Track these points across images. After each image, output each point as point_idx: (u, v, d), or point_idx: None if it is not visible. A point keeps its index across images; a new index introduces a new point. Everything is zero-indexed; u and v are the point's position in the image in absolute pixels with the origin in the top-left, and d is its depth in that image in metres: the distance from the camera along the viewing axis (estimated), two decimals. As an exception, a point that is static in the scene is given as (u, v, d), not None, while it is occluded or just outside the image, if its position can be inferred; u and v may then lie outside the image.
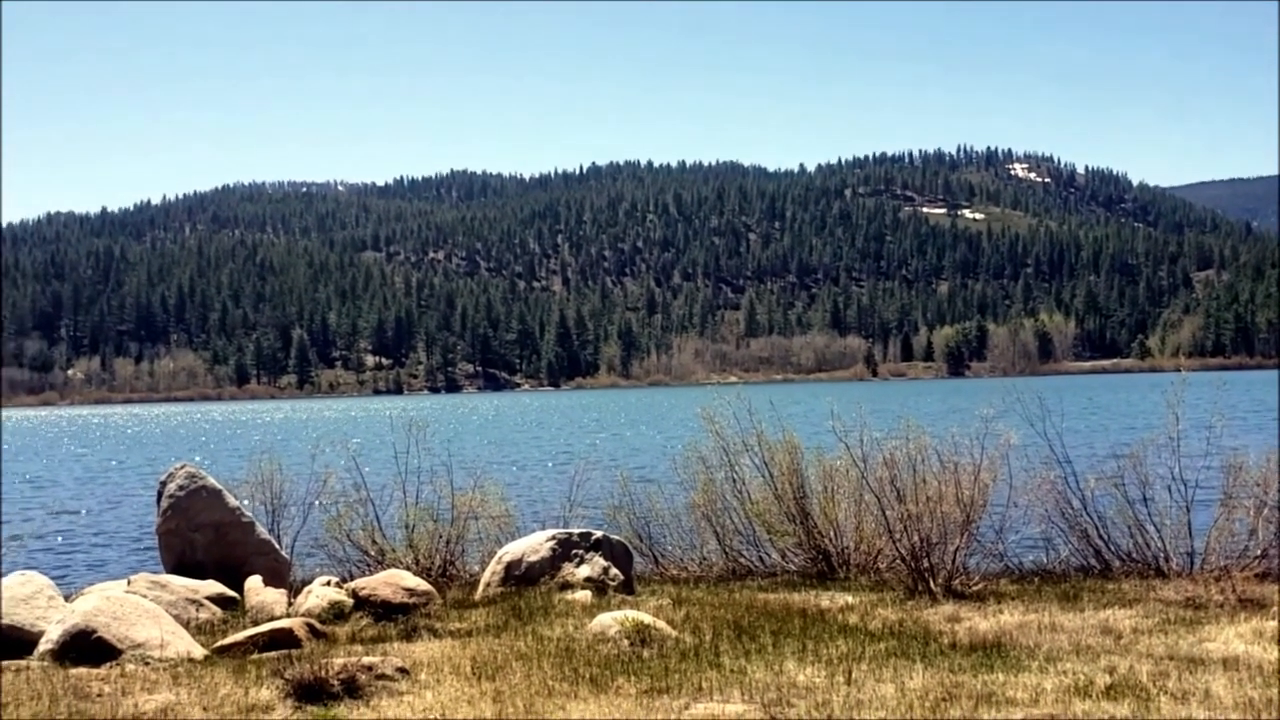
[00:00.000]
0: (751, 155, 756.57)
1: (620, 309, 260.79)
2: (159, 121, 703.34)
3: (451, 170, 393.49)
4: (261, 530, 13.85)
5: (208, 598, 11.84)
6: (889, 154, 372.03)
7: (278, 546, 13.96)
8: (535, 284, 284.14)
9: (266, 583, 12.25)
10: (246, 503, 14.38)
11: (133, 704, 7.82)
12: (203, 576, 12.64)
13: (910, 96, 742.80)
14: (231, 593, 12.14)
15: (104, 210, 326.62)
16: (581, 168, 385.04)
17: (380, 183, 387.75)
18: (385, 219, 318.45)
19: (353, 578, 13.07)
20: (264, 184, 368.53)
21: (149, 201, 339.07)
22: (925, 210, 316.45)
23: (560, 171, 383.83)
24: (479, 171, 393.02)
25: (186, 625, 10.39)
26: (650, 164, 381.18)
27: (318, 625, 10.03)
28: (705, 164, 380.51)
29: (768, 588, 12.67)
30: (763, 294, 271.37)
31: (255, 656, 9.13)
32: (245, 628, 10.27)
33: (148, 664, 9.02)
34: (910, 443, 12.84)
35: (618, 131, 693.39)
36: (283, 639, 9.53)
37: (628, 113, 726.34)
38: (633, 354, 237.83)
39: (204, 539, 13.31)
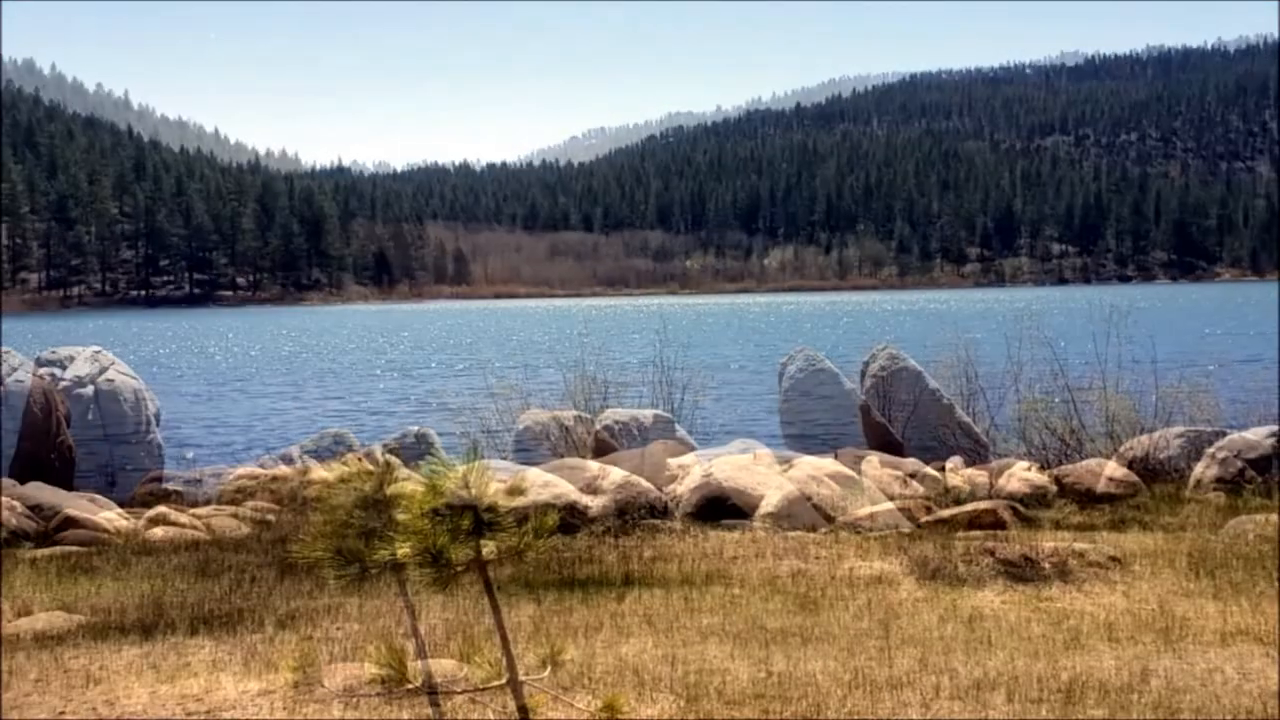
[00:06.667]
0: None
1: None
2: (849, 14, 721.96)
3: (1147, 46, 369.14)
4: (960, 413, 14.04)
5: (909, 474, 12.20)
6: None
7: (975, 429, 14.08)
8: (1239, 165, 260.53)
9: (966, 464, 12.42)
10: (941, 386, 14.59)
11: (848, 568, 8.26)
12: (902, 454, 13.06)
13: None
14: (931, 471, 12.42)
15: (798, 106, 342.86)
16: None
17: (1070, 63, 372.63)
18: (1074, 101, 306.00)
19: (1048, 465, 12.90)
20: (950, 71, 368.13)
21: (839, 95, 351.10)
22: None
23: (1272, 40, 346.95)
24: (1177, 46, 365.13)
25: (890, 499, 10.77)
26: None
27: (1020, 508, 10.02)
28: None
29: None
30: None
31: (960, 534, 9.28)
32: (947, 506, 10.49)
33: (859, 532, 9.49)
34: None
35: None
36: (986, 519, 9.63)
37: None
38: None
39: (904, 417, 13.72)
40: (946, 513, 9.94)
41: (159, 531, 10.44)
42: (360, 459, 3.35)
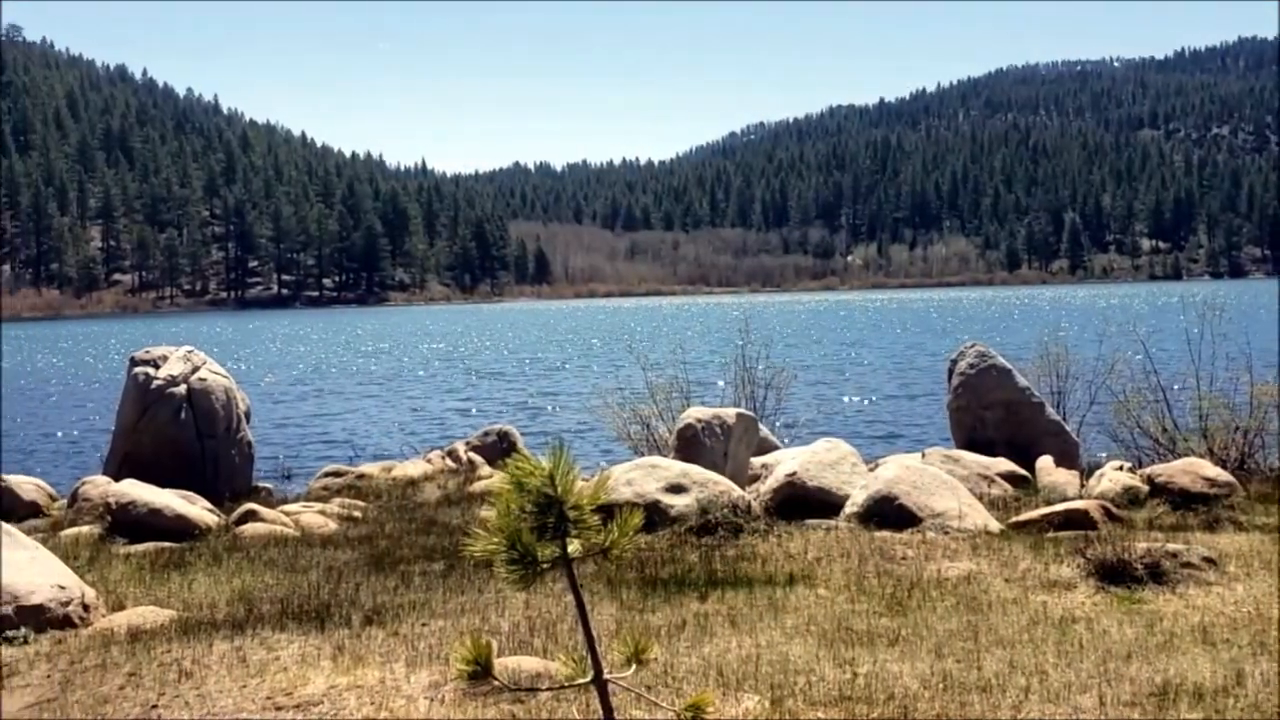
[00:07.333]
0: None
1: None
2: (930, 6, 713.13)
3: (1239, 38, 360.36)
4: (1051, 411, 13.80)
5: (998, 474, 12.03)
6: None
7: (1066, 428, 13.84)
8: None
9: (1056, 463, 12.21)
10: (1030, 384, 14.35)
11: (935, 569, 8.15)
12: (991, 453, 12.85)
13: None
14: (1021, 470, 12.23)
15: (881, 101, 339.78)
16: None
17: (1159, 56, 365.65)
18: (1164, 94, 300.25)
19: (1140, 464, 12.64)
20: (1037, 65, 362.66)
21: (924, 90, 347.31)
22: None
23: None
24: (1270, 38, 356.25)
25: (979, 499, 10.61)
26: None
27: (1112, 509, 9.82)
28: None
29: None
30: None
31: (1050, 535, 9.12)
32: (1037, 506, 10.32)
33: (946, 533, 9.35)
34: None
35: None
36: (1077, 519, 9.44)
37: None
38: None
39: (994, 416, 13.53)
40: (1036, 513, 9.77)
41: (248, 528, 10.60)
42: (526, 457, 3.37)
